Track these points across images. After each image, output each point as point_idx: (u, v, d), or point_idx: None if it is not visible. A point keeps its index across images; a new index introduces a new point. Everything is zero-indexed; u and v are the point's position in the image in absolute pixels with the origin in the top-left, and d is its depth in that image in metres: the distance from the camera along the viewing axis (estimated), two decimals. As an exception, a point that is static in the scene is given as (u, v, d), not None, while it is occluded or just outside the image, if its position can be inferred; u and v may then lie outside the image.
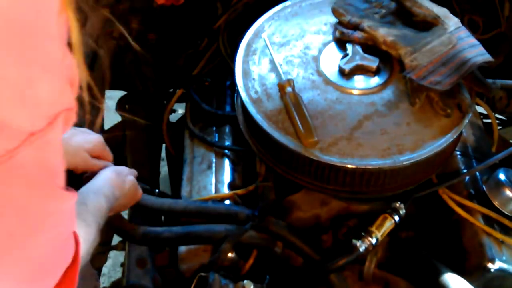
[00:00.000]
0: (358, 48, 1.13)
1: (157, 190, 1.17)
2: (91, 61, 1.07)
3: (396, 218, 1.05)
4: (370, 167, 0.99)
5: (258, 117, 1.06)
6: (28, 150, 0.46)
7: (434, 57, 1.06)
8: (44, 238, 0.53)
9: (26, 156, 0.46)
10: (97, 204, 0.84)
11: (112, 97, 1.62)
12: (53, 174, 0.52)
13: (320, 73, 1.13)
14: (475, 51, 1.05)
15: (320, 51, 1.17)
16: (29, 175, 0.48)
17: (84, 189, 0.88)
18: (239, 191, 1.17)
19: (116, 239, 1.28)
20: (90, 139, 1.00)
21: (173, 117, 1.53)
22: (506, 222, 1.08)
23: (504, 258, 1.04)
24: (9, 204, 0.48)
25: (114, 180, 0.94)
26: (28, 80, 0.45)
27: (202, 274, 1.01)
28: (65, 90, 0.50)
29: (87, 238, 0.73)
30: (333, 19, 1.21)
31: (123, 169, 1.00)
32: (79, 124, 0.61)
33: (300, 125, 1.02)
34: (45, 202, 0.51)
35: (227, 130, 1.30)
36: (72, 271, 0.60)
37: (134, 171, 1.03)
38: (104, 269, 1.95)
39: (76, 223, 0.62)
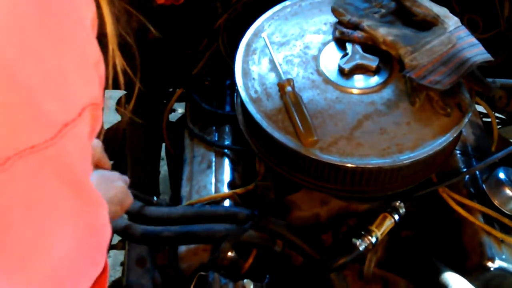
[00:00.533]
0: (358, 48, 1.13)
1: (155, 198, 1.16)
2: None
3: (396, 217, 1.05)
4: (370, 166, 0.99)
5: (258, 117, 1.06)
6: (63, 141, 0.45)
7: (434, 56, 1.06)
8: (69, 238, 0.51)
9: (61, 147, 0.45)
10: None
11: (112, 96, 1.62)
12: (84, 172, 0.51)
13: (320, 73, 1.13)
14: (475, 51, 1.05)
15: (320, 51, 1.17)
16: (62, 168, 0.47)
17: None
18: (238, 190, 1.16)
19: (116, 239, 1.28)
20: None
21: (173, 117, 1.53)
22: (506, 221, 1.08)
23: (504, 257, 1.04)
24: (41, 197, 0.46)
25: (97, 185, 0.90)
26: (63, 69, 0.46)
27: (202, 273, 1.01)
28: (94, 84, 0.50)
29: None
30: (333, 19, 1.21)
31: (112, 174, 0.95)
32: None
33: (300, 125, 1.02)
34: (73, 199, 0.50)
35: (227, 129, 1.30)
36: (101, 282, 0.59)
37: (126, 179, 0.97)
38: (104, 269, 1.95)
39: None
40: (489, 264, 1.03)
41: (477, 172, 1.17)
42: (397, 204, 1.06)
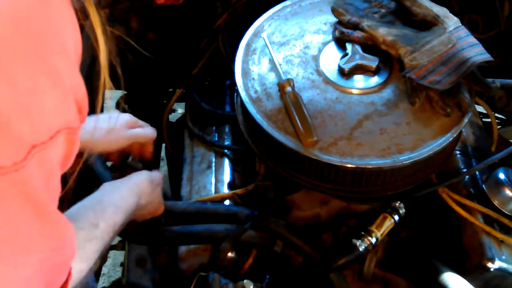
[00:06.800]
0: (358, 48, 1.13)
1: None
2: (92, 61, 1.08)
3: (396, 217, 1.05)
4: (370, 166, 0.99)
5: (257, 117, 1.06)
6: (32, 164, 0.44)
7: (433, 56, 1.06)
8: (31, 260, 0.50)
9: (30, 171, 0.44)
10: (110, 222, 0.83)
11: (112, 97, 1.62)
12: (49, 196, 0.50)
13: (319, 73, 1.13)
14: (475, 51, 1.05)
15: (319, 51, 1.17)
16: (26, 192, 0.46)
17: (106, 197, 0.86)
18: (238, 191, 1.16)
19: (116, 239, 1.28)
20: (119, 117, 1.03)
21: (173, 117, 1.53)
22: (505, 221, 1.08)
23: (503, 257, 1.04)
24: (4, 221, 0.45)
25: (143, 189, 0.93)
26: (35, 90, 0.44)
27: (202, 273, 1.01)
28: (70, 108, 0.49)
29: (76, 269, 0.65)
30: (333, 19, 1.21)
31: (157, 176, 0.99)
32: None
33: (299, 125, 1.02)
34: (37, 223, 0.49)
35: (226, 129, 1.30)
36: None
37: (161, 179, 1.02)
38: (104, 269, 1.96)
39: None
40: (489, 264, 1.03)
41: (477, 173, 1.17)
42: (397, 204, 1.06)
